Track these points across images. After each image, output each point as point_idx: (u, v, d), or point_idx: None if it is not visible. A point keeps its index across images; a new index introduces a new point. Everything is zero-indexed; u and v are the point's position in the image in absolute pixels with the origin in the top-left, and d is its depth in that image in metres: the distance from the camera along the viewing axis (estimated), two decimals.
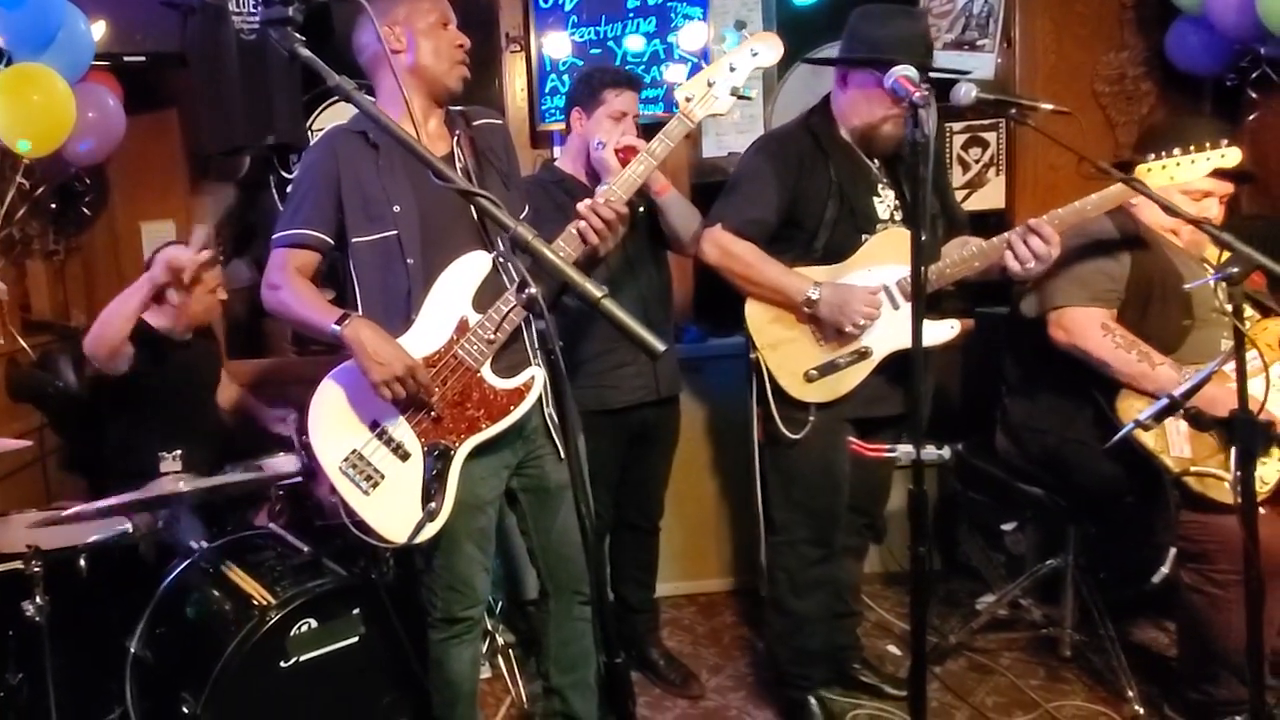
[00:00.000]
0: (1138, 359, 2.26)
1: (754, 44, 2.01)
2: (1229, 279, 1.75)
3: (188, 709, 2.11)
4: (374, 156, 1.96)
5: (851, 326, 2.24)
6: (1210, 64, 3.18)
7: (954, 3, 3.45)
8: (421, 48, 1.97)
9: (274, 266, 1.98)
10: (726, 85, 1.99)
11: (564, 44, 3.42)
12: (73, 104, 2.67)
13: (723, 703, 2.71)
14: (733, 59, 2.00)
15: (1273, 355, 2.33)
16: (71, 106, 2.67)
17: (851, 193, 2.32)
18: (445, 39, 1.99)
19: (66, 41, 2.67)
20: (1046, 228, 2.13)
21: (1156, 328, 2.33)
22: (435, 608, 2.12)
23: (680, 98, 2.00)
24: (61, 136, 2.69)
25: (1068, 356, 2.36)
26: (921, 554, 1.74)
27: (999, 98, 2.24)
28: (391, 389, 1.85)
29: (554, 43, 3.42)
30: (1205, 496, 2.19)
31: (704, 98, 1.99)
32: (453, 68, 1.99)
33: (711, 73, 2.00)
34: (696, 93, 1.99)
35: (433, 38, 1.97)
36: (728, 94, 1.99)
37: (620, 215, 1.95)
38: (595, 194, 1.99)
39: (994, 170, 3.58)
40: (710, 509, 3.32)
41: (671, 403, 2.75)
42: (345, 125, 2.04)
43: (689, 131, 2.04)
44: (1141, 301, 2.35)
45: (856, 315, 2.23)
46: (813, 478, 2.37)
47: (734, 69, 1.99)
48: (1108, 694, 2.55)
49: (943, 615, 3.01)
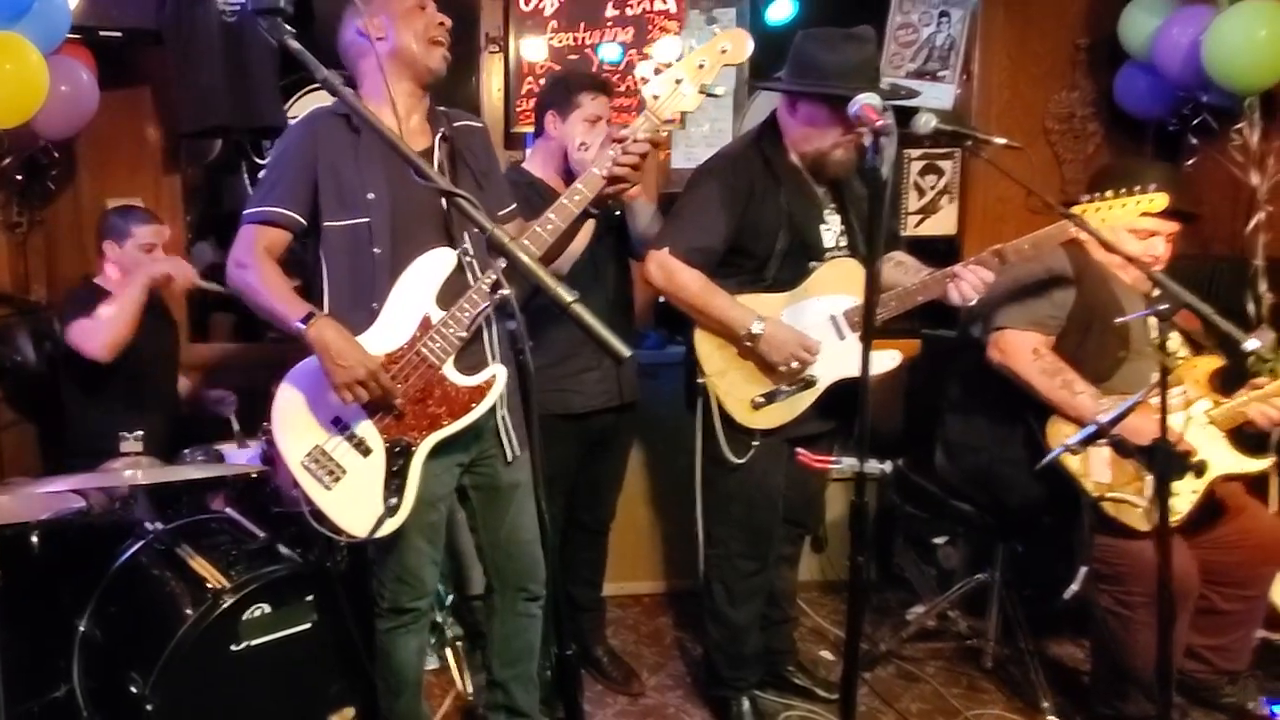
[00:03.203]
0: (1060, 385, 2.38)
1: (723, 41, 1.95)
2: (1158, 315, 1.88)
3: (135, 689, 2.11)
4: (354, 141, 1.97)
5: (783, 367, 2.31)
6: (1154, 108, 3.33)
7: (918, 34, 3.58)
8: (401, 30, 1.98)
9: (242, 243, 1.98)
10: (694, 83, 1.94)
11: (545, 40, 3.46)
12: (45, 75, 2.63)
13: (661, 700, 2.79)
14: (701, 56, 1.95)
15: (1199, 391, 2.48)
16: (44, 78, 2.63)
17: (802, 222, 2.37)
18: (423, 19, 2.01)
19: (42, 11, 2.63)
20: (984, 270, 2.24)
21: (1093, 356, 2.45)
22: (383, 598, 2.16)
23: (648, 95, 1.95)
24: (32, 108, 2.64)
25: (1004, 378, 2.48)
26: (860, 563, 1.83)
27: (956, 129, 2.31)
28: (354, 392, 1.87)
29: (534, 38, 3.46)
30: (1118, 521, 2.31)
31: (671, 96, 1.94)
32: (431, 47, 2.00)
33: (679, 70, 1.96)
34: (664, 91, 1.95)
35: (411, 20, 1.99)
36: (695, 91, 1.94)
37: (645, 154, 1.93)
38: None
39: (947, 198, 3.72)
40: (660, 513, 3.40)
41: (631, 408, 2.80)
42: (329, 107, 2.04)
43: (656, 127, 1.96)
44: (1081, 331, 2.47)
45: (792, 359, 2.30)
46: (751, 497, 2.44)
47: (702, 66, 1.94)
48: (1024, 705, 2.68)
49: (875, 624, 3.13)
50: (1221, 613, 2.54)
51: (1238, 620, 2.55)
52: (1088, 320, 2.46)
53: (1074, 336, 2.47)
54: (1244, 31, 2.76)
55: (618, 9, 3.48)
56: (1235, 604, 2.53)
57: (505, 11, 3.44)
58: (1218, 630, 2.56)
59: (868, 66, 2.30)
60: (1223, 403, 2.44)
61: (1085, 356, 2.45)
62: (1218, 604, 2.53)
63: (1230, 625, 2.55)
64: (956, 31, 3.58)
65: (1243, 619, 2.56)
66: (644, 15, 3.50)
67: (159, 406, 2.90)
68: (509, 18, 3.44)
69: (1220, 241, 3.21)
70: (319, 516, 1.98)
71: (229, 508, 2.58)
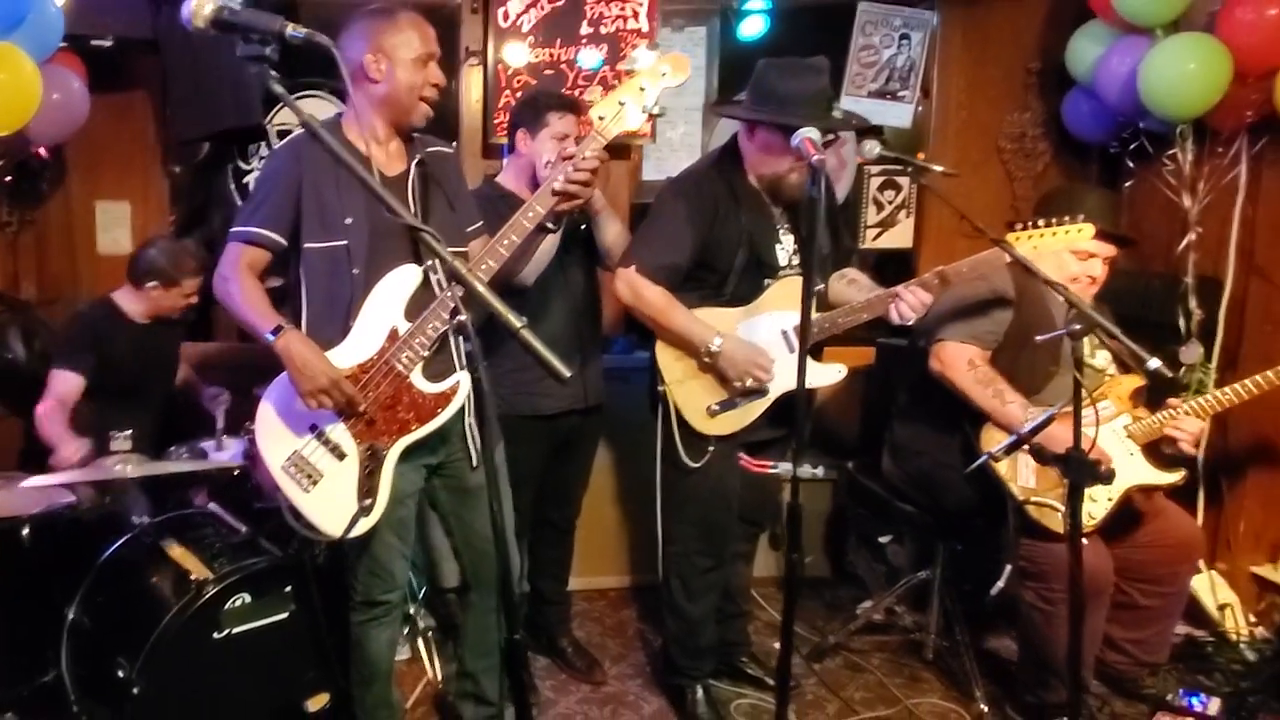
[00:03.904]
0: (992, 395, 2.54)
1: (663, 64, 2.11)
2: (1071, 334, 2.05)
3: (122, 674, 2.21)
4: (336, 168, 2.05)
5: (739, 383, 2.45)
6: (1097, 132, 3.49)
7: (880, 55, 3.74)
8: (398, 81, 2.06)
9: (227, 259, 2.11)
10: (637, 104, 2.09)
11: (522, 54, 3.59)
12: (39, 84, 2.70)
13: (622, 689, 2.94)
14: (643, 79, 2.10)
15: (1121, 407, 2.66)
16: (38, 87, 2.70)
17: (759, 241, 2.51)
18: (423, 76, 2.08)
19: (36, 22, 2.71)
20: (923, 292, 2.39)
21: (1026, 370, 2.62)
22: (356, 591, 2.28)
23: (594, 116, 2.11)
24: (26, 116, 2.71)
25: (945, 387, 2.64)
26: (795, 560, 1.99)
27: (897, 156, 2.49)
28: (318, 400, 2.00)
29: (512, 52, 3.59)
30: (1041, 524, 2.48)
31: (616, 116, 2.08)
32: (418, 106, 2.10)
33: (623, 93, 2.10)
34: (609, 112, 2.09)
35: (411, 73, 2.06)
36: (639, 112, 2.09)
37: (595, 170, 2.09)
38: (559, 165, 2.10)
39: (905, 213, 3.89)
40: (627, 511, 3.53)
41: (596, 411, 2.93)
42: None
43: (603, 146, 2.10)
44: (1017, 347, 2.63)
45: (748, 375, 2.44)
46: (707, 498, 2.58)
47: (644, 89, 2.09)
48: (960, 694, 2.85)
49: (827, 618, 3.30)
50: (1142, 608, 2.72)
51: (1157, 615, 2.74)
52: (1024, 337, 2.61)
53: (1010, 352, 2.63)
54: (1176, 63, 2.92)
55: (592, 27, 3.62)
56: (1154, 600, 2.71)
57: (485, 26, 3.56)
58: (1138, 624, 2.74)
59: (821, 96, 2.44)
60: (1142, 418, 2.62)
61: (1019, 370, 2.61)
62: (1138, 600, 2.71)
63: (1150, 620, 2.74)
64: (916, 54, 3.74)
65: (1162, 614, 2.75)
66: (617, 33, 3.64)
67: (150, 407, 3.01)
68: (488, 32, 3.57)
69: (1157, 259, 3.37)
70: (298, 516, 2.10)
71: (213, 503, 2.69)
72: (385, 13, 2.09)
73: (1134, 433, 2.61)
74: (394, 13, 2.09)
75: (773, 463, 2.17)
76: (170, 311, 3.00)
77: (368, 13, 2.11)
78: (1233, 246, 3.12)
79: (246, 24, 1.54)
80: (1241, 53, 2.85)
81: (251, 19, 1.56)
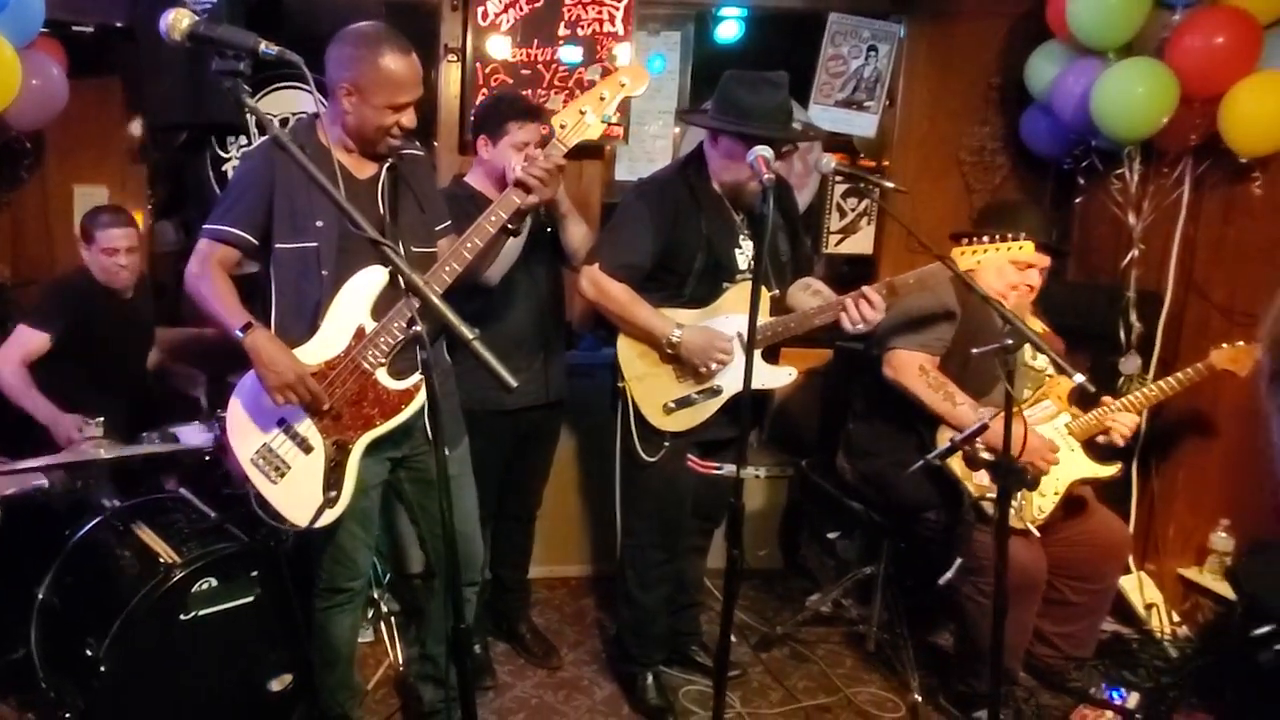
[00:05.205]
0: (943, 398, 2.67)
1: (622, 75, 2.21)
2: (1005, 348, 2.17)
3: (90, 652, 2.26)
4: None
5: (704, 368, 2.57)
6: (1052, 148, 3.59)
7: (847, 66, 3.84)
8: (365, 119, 2.10)
9: (199, 254, 2.17)
10: (597, 113, 2.18)
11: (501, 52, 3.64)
12: (18, 70, 2.72)
13: (577, 674, 3.06)
14: (603, 89, 2.19)
15: (1060, 406, 2.81)
16: (17, 72, 2.71)
17: (719, 246, 2.61)
18: (392, 119, 2.10)
19: (17, 7, 2.72)
20: (875, 296, 2.50)
21: (974, 375, 2.74)
22: (321, 579, 2.37)
23: (555, 125, 2.19)
24: (5, 102, 2.74)
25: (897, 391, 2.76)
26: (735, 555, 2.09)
27: (851, 171, 2.63)
28: (285, 395, 2.07)
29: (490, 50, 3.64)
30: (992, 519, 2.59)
31: (576, 125, 2.17)
32: (383, 141, 2.14)
33: (582, 103, 2.18)
34: (570, 121, 2.17)
35: (380, 116, 2.09)
36: (599, 121, 2.18)
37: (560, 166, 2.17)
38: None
39: (866, 220, 4.00)
40: (589, 502, 3.63)
41: (558, 406, 3.03)
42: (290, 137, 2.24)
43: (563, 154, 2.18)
44: (964, 353, 2.73)
45: (711, 359, 2.55)
46: (662, 493, 2.70)
47: (603, 98, 2.18)
48: (897, 684, 2.99)
49: (777, 609, 3.43)
50: (1070, 603, 2.87)
51: (1084, 610, 2.89)
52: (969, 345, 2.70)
53: (958, 358, 2.76)
54: (1126, 87, 3.04)
55: (569, 29, 3.68)
56: (1083, 596, 2.86)
57: (464, 24, 3.62)
58: (1066, 619, 2.89)
59: (780, 110, 2.56)
60: (1079, 417, 2.77)
61: (968, 375, 2.75)
62: (1068, 595, 2.86)
63: (1078, 615, 2.89)
64: (883, 65, 3.84)
65: (1089, 609, 2.90)
66: (594, 35, 3.71)
67: (124, 391, 3.04)
68: (467, 29, 3.63)
69: (1105, 272, 3.51)
70: (265, 506, 2.18)
71: (183, 488, 2.75)
72: (373, 49, 2.07)
73: (1074, 430, 2.77)
74: (381, 50, 2.07)
75: (718, 464, 2.28)
76: (109, 273, 2.97)
77: (357, 39, 2.11)
78: (1173, 263, 3.26)
79: (222, 39, 1.63)
80: (1189, 78, 2.97)
81: (227, 35, 1.64)
